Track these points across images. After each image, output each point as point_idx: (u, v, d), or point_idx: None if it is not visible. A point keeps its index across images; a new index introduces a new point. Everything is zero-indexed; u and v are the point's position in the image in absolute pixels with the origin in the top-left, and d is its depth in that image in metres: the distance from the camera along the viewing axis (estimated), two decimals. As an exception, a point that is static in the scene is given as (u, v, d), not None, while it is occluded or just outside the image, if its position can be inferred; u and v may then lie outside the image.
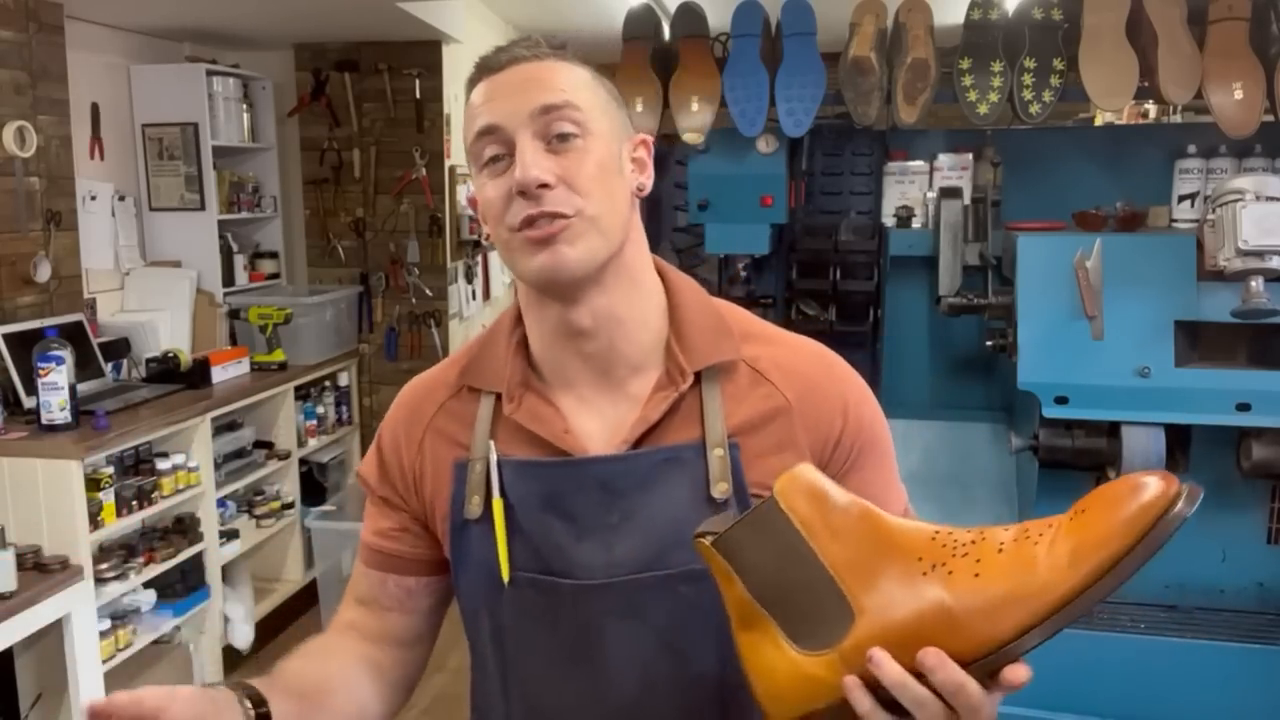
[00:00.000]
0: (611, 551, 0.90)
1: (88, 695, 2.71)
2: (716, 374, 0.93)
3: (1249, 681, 2.13)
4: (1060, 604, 0.69)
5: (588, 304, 0.90)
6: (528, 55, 0.89)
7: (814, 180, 2.86)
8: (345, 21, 3.88)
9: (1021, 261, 2.20)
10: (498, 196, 0.88)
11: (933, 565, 0.72)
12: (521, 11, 4.93)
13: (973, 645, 0.70)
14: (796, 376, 0.95)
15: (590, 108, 0.89)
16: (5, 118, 3.00)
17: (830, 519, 0.75)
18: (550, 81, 0.88)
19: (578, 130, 0.87)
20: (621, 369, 0.94)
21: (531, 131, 0.86)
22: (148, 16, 3.66)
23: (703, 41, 2.57)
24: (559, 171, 0.86)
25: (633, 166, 0.94)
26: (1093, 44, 2.31)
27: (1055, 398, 2.12)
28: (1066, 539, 0.70)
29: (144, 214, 3.87)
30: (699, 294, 0.98)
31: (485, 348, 0.99)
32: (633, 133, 0.95)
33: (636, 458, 0.91)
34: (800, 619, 0.76)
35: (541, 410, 0.93)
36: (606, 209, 0.88)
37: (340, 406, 4.28)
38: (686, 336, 0.94)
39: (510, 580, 0.92)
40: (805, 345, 0.99)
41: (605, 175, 0.89)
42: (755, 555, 0.77)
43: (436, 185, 4.27)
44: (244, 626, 3.49)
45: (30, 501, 2.70)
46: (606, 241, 0.89)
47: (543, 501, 0.91)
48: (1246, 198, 1.98)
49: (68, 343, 2.82)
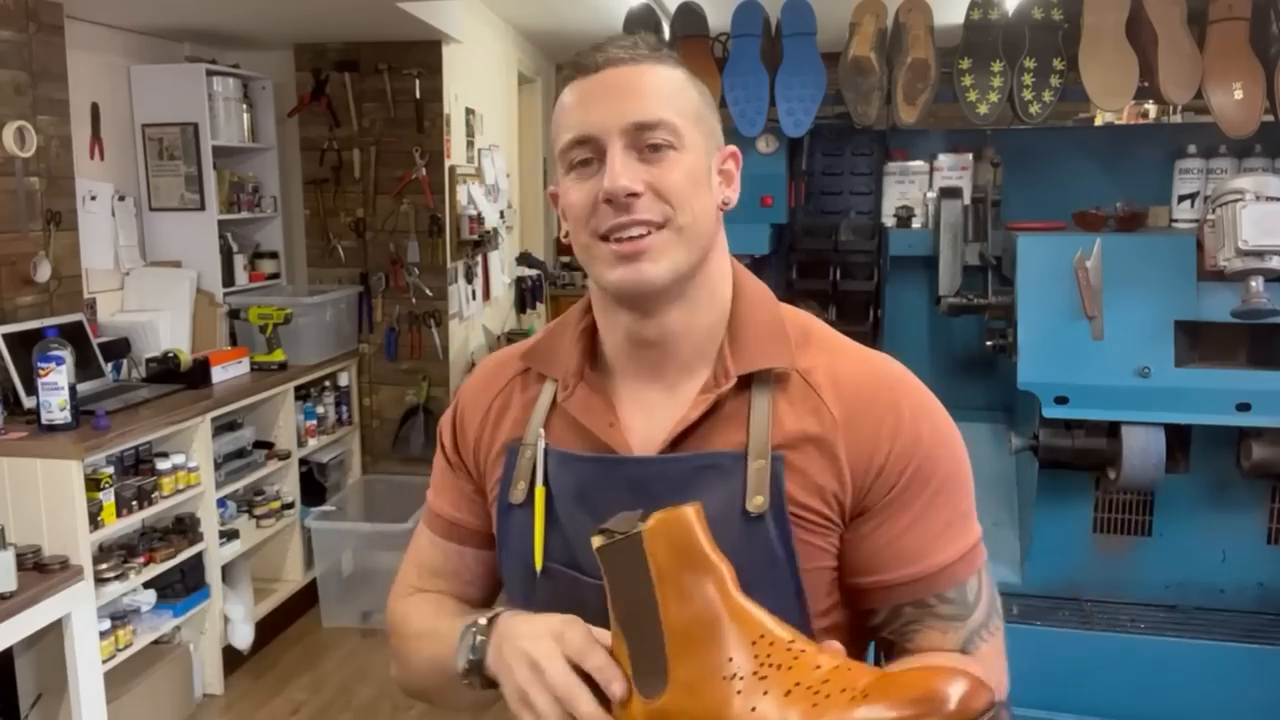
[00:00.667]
0: None
1: (88, 695, 2.71)
2: (769, 382, 0.91)
3: (1249, 681, 2.13)
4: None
5: (658, 319, 0.90)
6: (624, 58, 0.88)
7: (814, 180, 2.86)
8: (345, 21, 3.88)
9: (1021, 261, 2.20)
10: (583, 201, 0.87)
11: (752, 671, 0.73)
12: (521, 11, 4.93)
13: None
14: (847, 391, 0.91)
15: (684, 119, 0.88)
16: (5, 118, 3.00)
17: (682, 579, 0.76)
18: (646, 91, 0.87)
19: (671, 141, 0.87)
20: (674, 370, 0.93)
21: (624, 142, 0.86)
22: (148, 16, 3.65)
23: (703, 41, 2.57)
24: (648, 179, 0.85)
25: (720, 179, 0.93)
26: (1093, 44, 2.31)
27: (1055, 398, 2.12)
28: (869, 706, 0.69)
29: (144, 214, 3.86)
30: (765, 299, 0.96)
31: (554, 333, 0.99)
32: (722, 143, 0.94)
33: (671, 461, 0.89)
34: (640, 657, 0.78)
35: (592, 402, 0.93)
36: (695, 219, 0.87)
37: (340, 407, 4.28)
38: (739, 340, 0.92)
39: (543, 570, 0.92)
40: (868, 358, 0.95)
41: (694, 186, 0.88)
42: (621, 578, 0.78)
43: (436, 185, 4.27)
44: (244, 626, 3.49)
45: (30, 501, 2.70)
46: (690, 253, 0.88)
47: (576, 495, 0.91)
48: (1246, 198, 1.98)
49: (68, 343, 2.82)
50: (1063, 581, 2.34)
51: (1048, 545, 2.33)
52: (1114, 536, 2.33)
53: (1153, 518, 2.30)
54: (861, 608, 0.93)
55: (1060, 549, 2.33)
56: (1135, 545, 2.31)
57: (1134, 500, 2.30)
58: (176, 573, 3.22)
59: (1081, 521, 2.33)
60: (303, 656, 3.69)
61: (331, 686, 3.46)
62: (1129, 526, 2.32)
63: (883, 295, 2.73)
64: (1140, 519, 2.31)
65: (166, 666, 3.21)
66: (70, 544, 2.69)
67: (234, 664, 3.53)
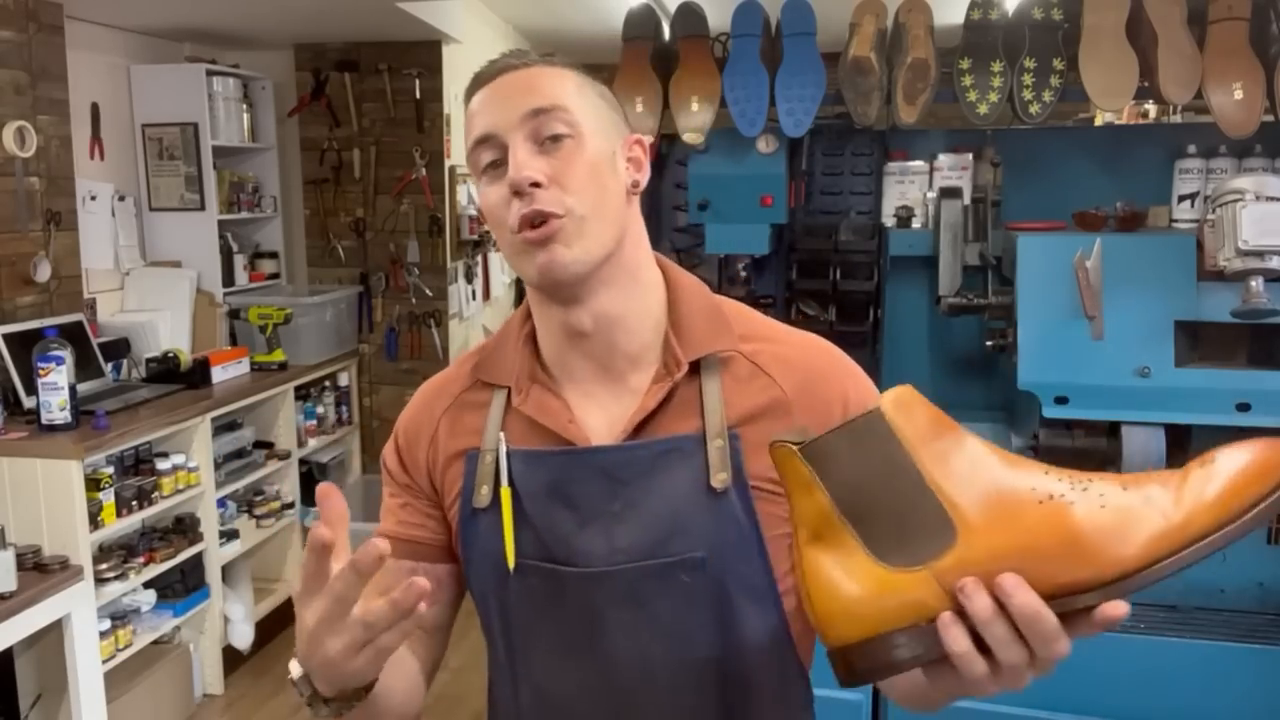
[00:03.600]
0: (613, 539, 0.91)
1: (88, 695, 2.71)
2: (716, 366, 0.95)
3: (1249, 681, 2.13)
4: (1201, 534, 0.66)
5: (588, 305, 0.93)
6: (516, 64, 0.92)
7: (814, 180, 2.86)
8: (345, 21, 3.88)
9: (1021, 261, 2.20)
10: (497, 201, 0.90)
11: (1049, 495, 0.68)
12: (521, 11, 4.93)
13: (1094, 572, 0.67)
14: (795, 369, 0.96)
15: (579, 109, 0.91)
16: (5, 118, 3.00)
17: (938, 442, 0.72)
18: (539, 86, 0.91)
19: (568, 130, 0.90)
20: (621, 363, 0.96)
21: (523, 134, 0.89)
22: (148, 16, 3.66)
23: (703, 41, 2.57)
24: (549, 171, 0.88)
25: (628, 165, 0.96)
26: (1093, 44, 2.31)
27: (1055, 398, 2.12)
28: (1197, 482, 0.67)
29: (144, 214, 3.87)
30: (699, 289, 1.00)
31: (498, 344, 1.02)
32: (628, 132, 0.97)
33: (638, 447, 0.93)
34: (889, 534, 0.72)
35: (548, 402, 0.96)
36: (598, 208, 0.90)
37: (340, 406, 4.28)
38: (683, 329, 0.96)
39: (516, 568, 0.93)
40: (806, 339, 1.01)
41: (597, 174, 0.91)
42: (847, 465, 0.73)
43: (436, 185, 4.27)
44: (244, 626, 3.49)
45: (30, 501, 2.70)
46: (601, 240, 0.90)
47: (548, 490, 0.93)
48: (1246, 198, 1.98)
49: (68, 343, 2.82)
50: (1063, 581, 2.34)
51: (1048, 545, 2.33)
52: (1114, 536, 2.32)
53: (1153, 518, 2.29)
54: None
55: (1060, 549, 2.33)
56: (1135, 545, 2.31)
57: (1134, 500, 2.30)
58: (176, 573, 3.22)
59: (1081, 521, 2.33)
60: (303, 656, 3.68)
61: (331, 686, 3.46)
62: (1129, 526, 2.31)
63: (883, 295, 2.73)
64: (1140, 519, 2.30)
65: (166, 666, 3.21)
66: (70, 544, 2.69)
67: (234, 664, 3.53)
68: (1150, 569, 0.66)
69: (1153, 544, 0.66)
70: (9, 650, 2.63)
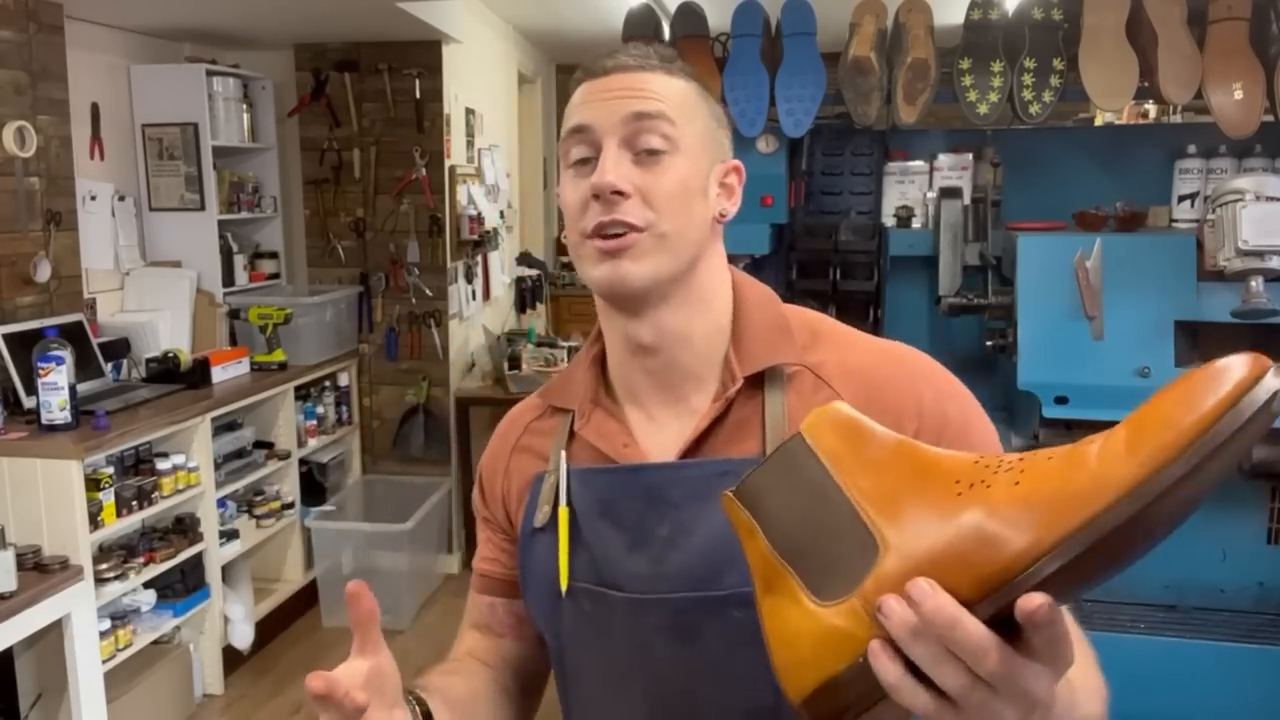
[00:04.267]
0: (661, 566, 0.87)
1: (88, 695, 2.71)
2: (780, 382, 0.90)
3: (1249, 681, 2.13)
4: (1114, 501, 0.52)
5: (650, 320, 0.89)
6: (633, 64, 0.88)
7: (814, 180, 2.86)
8: (345, 21, 3.88)
9: (1021, 261, 2.20)
10: (575, 199, 0.87)
11: (970, 485, 0.59)
12: (522, 11, 4.93)
13: (1004, 566, 0.55)
14: (860, 379, 0.90)
15: (685, 123, 0.88)
16: (5, 118, 3.00)
17: (861, 452, 0.66)
18: (649, 91, 0.87)
19: (666, 146, 0.86)
20: (683, 382, 0.92)
21: (619, 139, 0.86)
22: (148, 16, 3.65)
23: (703, 41, 2.58)
24: (638, 183, 0.85)
25: (719, 191, 0.92)
26: (1093, 44, 2.31)
27: (1055, 398, 2.12)
28: (1123, 428, 0.55)
29: (144, 214, 3.86)
30: (767, 300, 0.96)
31: (569, 370, 1.00)
32: (728, 157, 0.93)
33: (687, 467, 0.89)
34: (824, 566, 0.65)
35: (607, 426, 0.93)
36: (680, 228, 0.87)
37: (340, 406, 4.28)
38: (743, 344, 0.92)
39: (568, 591, 0.91)
40: (878, 346, 0.95)
41: (686, 195, 0.87)
42: (778, 501, 0.68)
43: (436, 185, 4.27)
44: (244, 626, 3.49)
45: (30, 501, 2.70)
46: (673, 261, 0.87)
47: (600, 509, 0.90)
48: (1246, 198, 1.98)
49: (68, 343, 2.82)
50: (1063, 581, 2.34)
51: (1048, 545, 2.33)
52: (1114, 536, 2.32)
53: (1153, 518, 2.29)
54: None
55: (1060, 549, 2.33)
56: (1135, 545, 2.31)
57: (1134, 500, 2.30)
58: (176, 573, 3.22)
59: (1081, 521, 2.33)
60: (303, 656, 3.69)
61: (331, 686, 3.46)
62: (1129, 526, 2.31)
63: (883, 295, 2.73)
64: (1140, 519, 2.30)
65: (166, 666, 3.21)
66: (70, 544, 2.69)
67: (234, 664, 3.53)
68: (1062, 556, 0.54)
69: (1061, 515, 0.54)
70: (9, 650, 2.63)
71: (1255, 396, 0.51)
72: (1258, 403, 0.51)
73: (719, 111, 0.94)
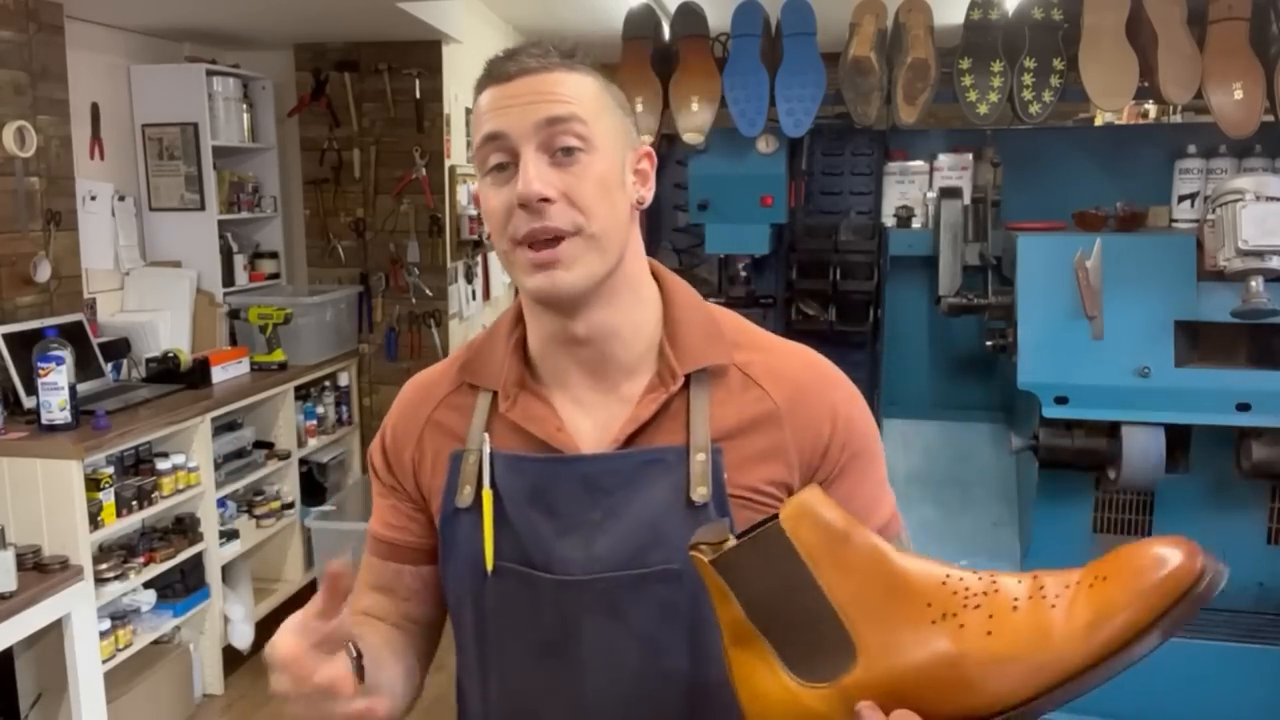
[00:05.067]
0: (591, 548, 0.91)
1: (88, 695, 2.71)
2: (706, 378, 0.95)
3: (1249, 681, 2.13)
4: (1073, 673, 0.67)
5: (585, 317, 0.92)
6: (536, 66, 0.89)
7: (814, 180, 2.86)
8: (345, 21, 3.88)
9: (1021, 261, 2.20)
10: (500, 206, 0.89)
11: (942, 614, 0.70)
12: (521, 11, 4.93)
13: (977, 705, 0.68)
14: (787, 381, 0.96)
15: (596, 120, 0.89)
16: (5, 118, 3.00)
17: (838, 552, 0.73)
18: (557, 94, 0.88)
19: (582, 145, 0.88)
20: (615, 372, 0.96)
21: (536, 144, 0.87)
22: (148, 16, 3.65)
23: (703, 41, 2.57)
24: (561, 187, 0.87)
25: (635, 179, 0.95)
26: (1093, 44, 2.31)
27: (1055, 398, 2.12)
28: (1085, 606, 0.67)
29: (144, 214, 3.86)
30: (693, 298, 1.00)
31: (485, 346, 1.01)
32: (637, 143, 0.96)
33: (621, 457, 0.93)
34: (798, 648, 0.74)
35: (536, 409, 0.96)
36: (607, 225, 0.89)
37: (340, 406, 4.28)
38: (679, 339, 0.95)
39: (494, 570, 0.94)
40: (797, 351, 1.00)
41: (607, 191, 0.89)
42: (754, 578, 0.75)
43: (436, 185, 4.27)
44: (244, 626, 3.49)
45: (30, 501, 2.70)
46: (604, 259, 0.90)
47: (529, 496, 0.93)
48: (1246, 198, 1.98)
49: (68, 343, 2.82)
50: (1063, 581, 2.34)
51: (1048, 545, 2.33)
52: (1114, 536, 2.33)
53: (1153, 518, 2.30)
54: None
55: (1060, 549, 2.33)
56: (1135, 545, 2.31)
57: (1134, 500, 2.30)
58: (176, 573, 3.22)
59: (1081, 521, 2.33)
60: (303, 656, 3.68)
61: (331, 686, 3.46)
62: (1129, 526, 2.32)
63: (883, 295, 2.73)
64: (1140, 519, 2.31)
65: (166, 666, 3.21)
66: (70, 544, 2.69)
67: (234, 664, 3.52)
68: (1028, 705, 0.67)
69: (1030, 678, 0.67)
70: (9, 650, 2.63)
71: (1188, 607, 0.65)
72: (1189, 612, 0.65)
73: (623, 98, 0.96)
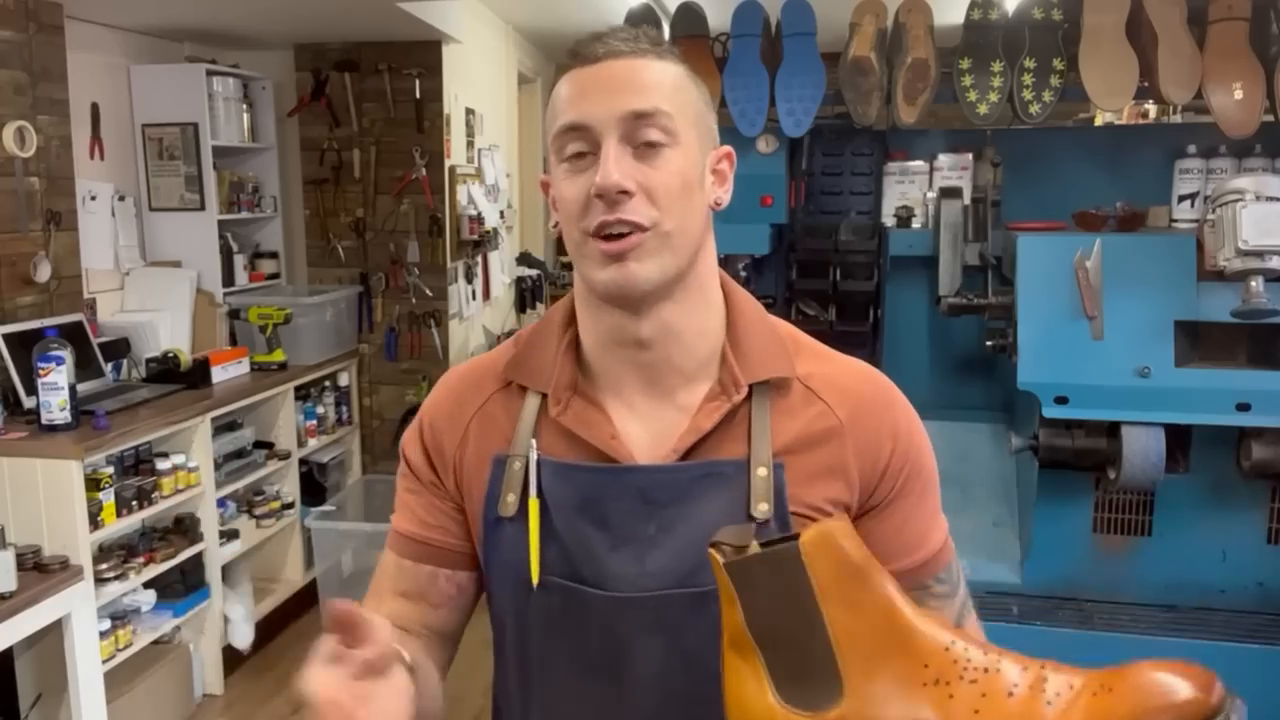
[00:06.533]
0: (644, 564, 0.88)
1: (88, 695, 2.71)
2: (768, 391, 0.91)
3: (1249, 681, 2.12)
4: None
5: (652, 317, 0.89)
6: (625, 50, 0.87)
7: (814, 180, 2.86)
8: (345, 21, 3.88)
9: (1021, 261, 2.20)
10: (575, 196, 0.86)
11: (935, 680, 0.70)
12: (521, 11, 4.93)
13: None
14: (849, 396, 0.93)
15: (681, 115, 0.87)
16: (5, 118, 3.00)
17: (849, 589, 0.73)
18: (644, 85, 0.85)
19: (666, 139, 0.85)
20: (673, 378, 0.92)
21: (619, 135, 0.84)
22: (148, 16, 3.65)
23: (703, 41, 2.57)
24: (641, 180, 0.84)
25: (713, 179, 0.92)
26: (1093, 44, 2.31)
27: (1055, 398, 2.12)
28: (1082, 715, 0.66)
29: (144, 214, 3.86)
30: (757, 309, 0.97)
31: (534, 344, 0.97)
32: (718, 142, 0.93)
33: (679, 469, 0.89)
34: (788, 669, 0.74)
35: (589, 415, 0.92)
36: (682, 224, 0.86)
37: (340, 407, 4.28)
38: (744, 349, 0.92)
39: (540, 584, 0.90)
40: (857, 365, 0.97)
41: (686, 189, 0.87)
42: (762, 592, 0.74)
43: (436, 185, 4.27)
44: (244, 626, 3.49)
45: (30, 501, 2.70)
46: (678, 258, 0.87)
47: (579, 506, 0.90)
48: (1246, 198, 1.98)
49: (68, 343, 2.82)
50: (1063, 581, 2.34)
51: (1048, 545, 2.33)
52: (1114, 536, 2.33)
53: (1153, 518, 2.30)
54: None
55: (1060, 549, 2.33)
56: (1135, 545, 2.31)
57: (1134, 500, 2.30)
58: (176, 573, 3.22)
59: (1081, 521, 2.33)
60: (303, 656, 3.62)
61: (331, 686, 3.46)
62: (1129, 526, 2.32)
63: (883, 295, 2.73)
64: (1140, 519, 2.31)
65: (166, 666, 3.21)
66: (70, 544, 2.69)
67: (234, 664, 3.53)
68: None
69: None
70: (9, 650, 2.63)
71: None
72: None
73: (707, 95, 0.93)
